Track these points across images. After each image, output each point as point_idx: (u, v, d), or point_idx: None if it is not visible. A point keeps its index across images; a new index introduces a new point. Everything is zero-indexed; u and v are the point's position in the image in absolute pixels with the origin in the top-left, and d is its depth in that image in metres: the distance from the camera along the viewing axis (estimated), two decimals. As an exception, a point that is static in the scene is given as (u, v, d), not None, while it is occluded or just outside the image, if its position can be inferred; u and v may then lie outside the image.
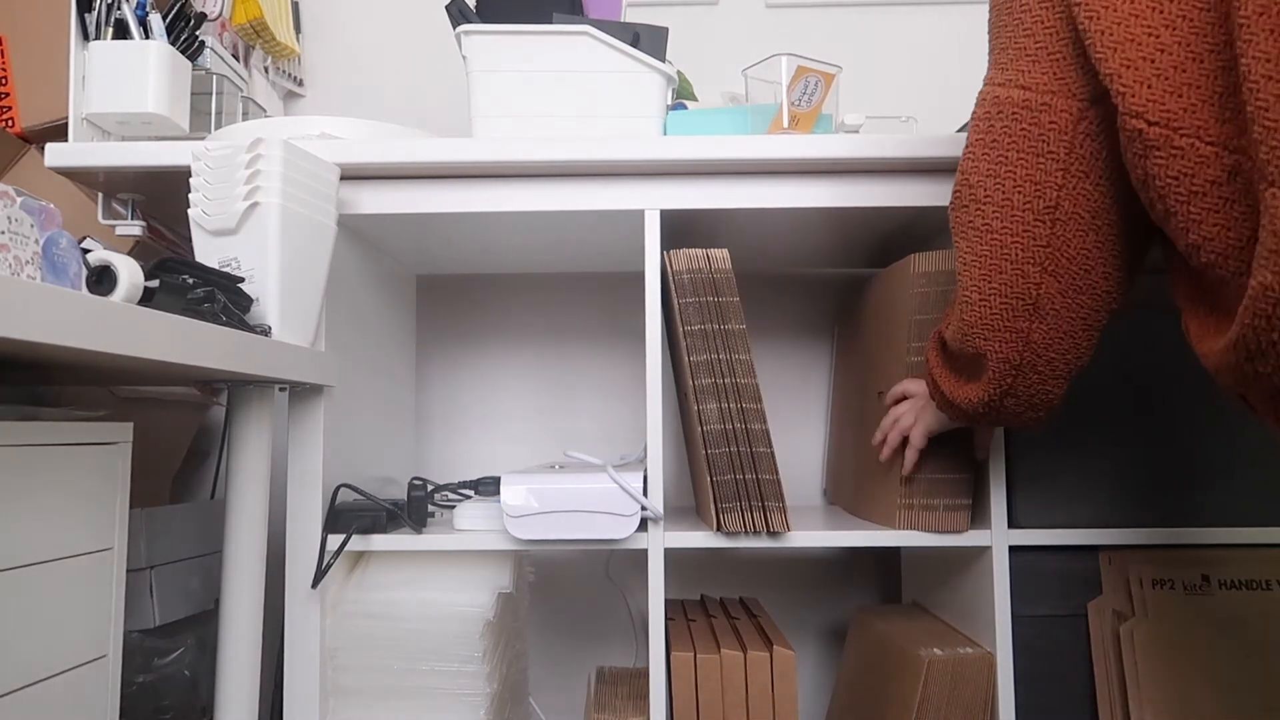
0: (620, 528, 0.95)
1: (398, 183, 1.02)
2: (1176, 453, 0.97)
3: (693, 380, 0.97)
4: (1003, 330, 0.72)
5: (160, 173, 0.99)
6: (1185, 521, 0.97)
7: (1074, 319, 0.71)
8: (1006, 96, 0.68)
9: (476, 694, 0.99)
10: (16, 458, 0.65)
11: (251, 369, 0.77)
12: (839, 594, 1.41)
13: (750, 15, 1.53)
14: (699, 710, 0.96)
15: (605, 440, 1.43)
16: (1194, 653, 0.92)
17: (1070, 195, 0.67)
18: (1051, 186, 0.67)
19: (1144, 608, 0.94)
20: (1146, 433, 0.98)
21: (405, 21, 1.54)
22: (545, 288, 1.45)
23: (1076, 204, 0.67)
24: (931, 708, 0.97)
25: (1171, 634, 0.93)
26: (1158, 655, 0.91)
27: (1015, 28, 0.68)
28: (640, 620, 1.42)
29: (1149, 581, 0.95)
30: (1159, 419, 0.98)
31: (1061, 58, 0.65)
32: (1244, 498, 0.96)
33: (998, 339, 0.73)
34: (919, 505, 0.98)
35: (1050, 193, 0.67)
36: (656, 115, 1.05)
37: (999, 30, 0.70)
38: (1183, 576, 0.96)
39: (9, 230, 0.57)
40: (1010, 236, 0.69)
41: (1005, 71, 0.68)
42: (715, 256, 0.99)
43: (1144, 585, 0.95)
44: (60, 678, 0.69)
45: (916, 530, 0.98)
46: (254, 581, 0.87)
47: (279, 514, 1.35)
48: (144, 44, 1.05)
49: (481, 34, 1.04)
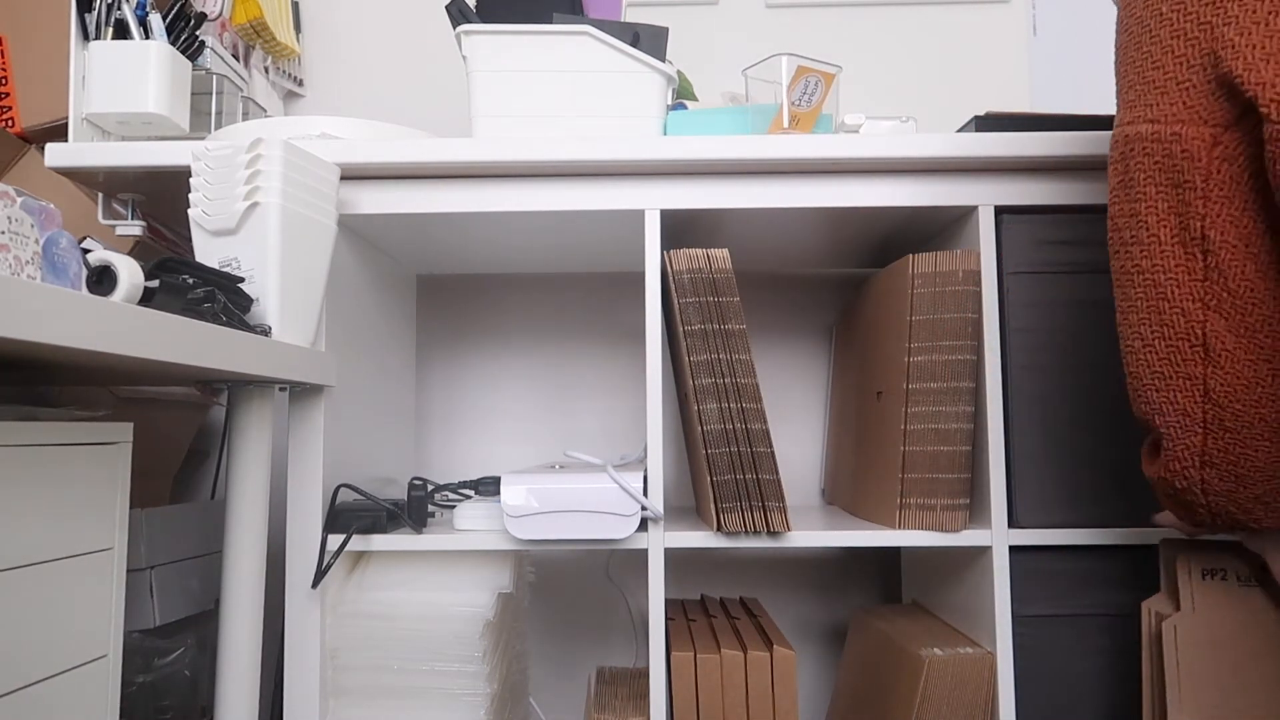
0: (620, 528, 0.95)
1: (398, 183, 1.02)
2: (1176, 453, 0.97)
3: (693, 380, 0.97)
4: (1174, 379, 0.66)
5: (160, 173, 0.99)
6: (1185, 521, 0.97)
7: (1257, 361, 0.64)
8: (1135, 133, 0.67)
9: (476, 694, 0.99)
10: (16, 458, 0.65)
11: (251, 369, 0.77)
12: (839, 594, 1.41)
13: (750, 15, 1.53)
14: (699, 710, 0.96)
15: (605, 440, 1.43)
16: (1242, 649, 0.85)
17: (1216, 224, 0.64)
18: (1195, 217, 0.65)
19: (1191, 602, 0.88)
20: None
21: (405, 21, 1.54)
22: (545, 288, 1.45)
23: (1225, 232, 0.64)
24: (932, 707, 0.97)
25: (1217, 629, 0.86)
26: (1202, 652, 0.86)
27: (1144, 62, 0.66)
28: (640, 620, 1.42)
29: (1199, 572, 0.87)
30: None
31: (1191, 86, 0.64)
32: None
33: (1170, 388, 0.67)
34: (917, 505, 0.98)
35: (1195, 223, 0.65)
36: (656, 115, 1.05)
37: (1126, 68, 0.69)
38: (1237, 568, 0.86)
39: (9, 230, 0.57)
40: (1163, 274, 0.66)
41: (1133, 109, 0.67)
42: (716, 256, 0.99)
43: (1192, 576, 0.87)
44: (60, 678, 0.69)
45: (916, 530, 0.98)
46: (254, 581, 0.87)
47: (279, 514, 1.35)
48: (144, 44, 1.05)
49: (481, 34, 1.04)
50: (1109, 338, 0.98)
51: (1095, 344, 0.98)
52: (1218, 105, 0.63)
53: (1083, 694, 0.96)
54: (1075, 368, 0.98)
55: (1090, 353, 0.98)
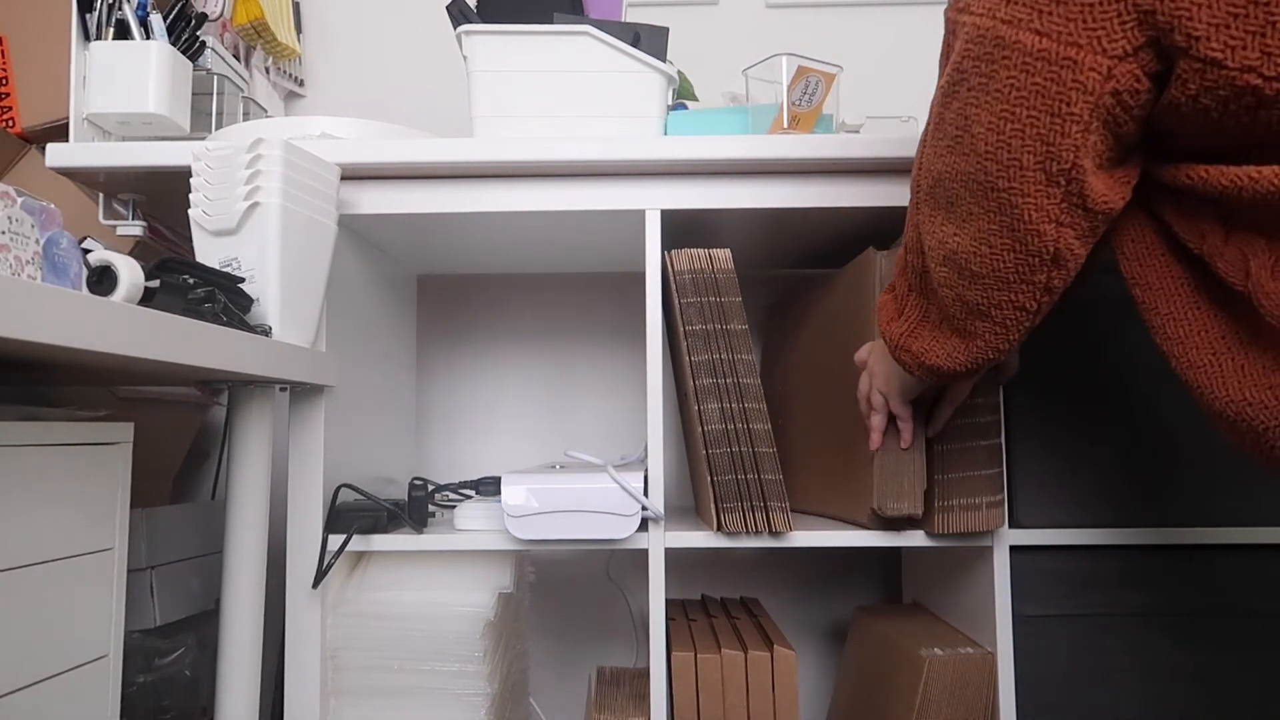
0: (621, 528, 0.95)
1: (398, 183, 1.02)
2: (1179, 452, 0.97)
3: (694, 380, 0.97)
4: (1019, 283, 0.67)
5: (161, 173, 0.99)
6: (1187, 521, 0.97)
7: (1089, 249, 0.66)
8: (1016, 40, 0.60)
9: (477, 694, 0.99)
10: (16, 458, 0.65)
11: (252, 369, 0.77)
12: (839, 594, 1.41)
13: (750, 15, 1.53)
14: (699, 710, 0.96)
15: (605, 440, 1.43)
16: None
17: (1089, 153, 0.61)
18: (1069, 149, 0.61)
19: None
20: (1148, 432, 0.98)
21: (405, 21, 1.54)
22: (545, 288, 1.45)
23: (1094, 159, 0.62)
24: (932, 707, 0.96)
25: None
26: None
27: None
28: (641, 620, 1.42)
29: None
30: (1160, 418, 0.98)
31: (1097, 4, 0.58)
32: (1247, 497, 0.96)
33: (1014, 290, 0.68)
34: (959, 506, 0.95)
35: (1067, 155, 0.61)
36: (657, 115, 1.05)
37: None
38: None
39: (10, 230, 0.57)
40: (1021, 197, 0.63)
41: (1014, 4, 0.60)
42: (717, 256, 0.99)
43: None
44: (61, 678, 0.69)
45: (917, 530, 0.98)
46: (255, 581, 0.87)
47: (279, 514, 1.35)
48: (145, 44, 1.05)
49: (482, 34, 1.04)
50: (1110, 338, 0.98)
51: (1096, 344, 0.98)
52: (1123, 33, 0.58)
53: (1083, 694, 0.96)
54: (1075, 368, 0.98)
55: (1091, 352, 0.98)
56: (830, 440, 1.08)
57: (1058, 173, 0.62)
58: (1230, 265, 0.60)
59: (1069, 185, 0.62)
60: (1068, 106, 0.60)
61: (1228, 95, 0.55)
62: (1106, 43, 0.58)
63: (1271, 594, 0.96)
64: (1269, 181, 0.55)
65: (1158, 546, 0.97)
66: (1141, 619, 0.96)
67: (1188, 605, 0.97)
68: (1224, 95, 0.56)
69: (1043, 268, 0.66)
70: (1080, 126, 0.60)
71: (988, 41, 0.61)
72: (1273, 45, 0.53)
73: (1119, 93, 0.59)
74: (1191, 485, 0.97)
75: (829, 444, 1.09)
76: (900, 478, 0.95)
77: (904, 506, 0.94)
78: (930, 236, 0.72)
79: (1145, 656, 0.96)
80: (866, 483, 0.97)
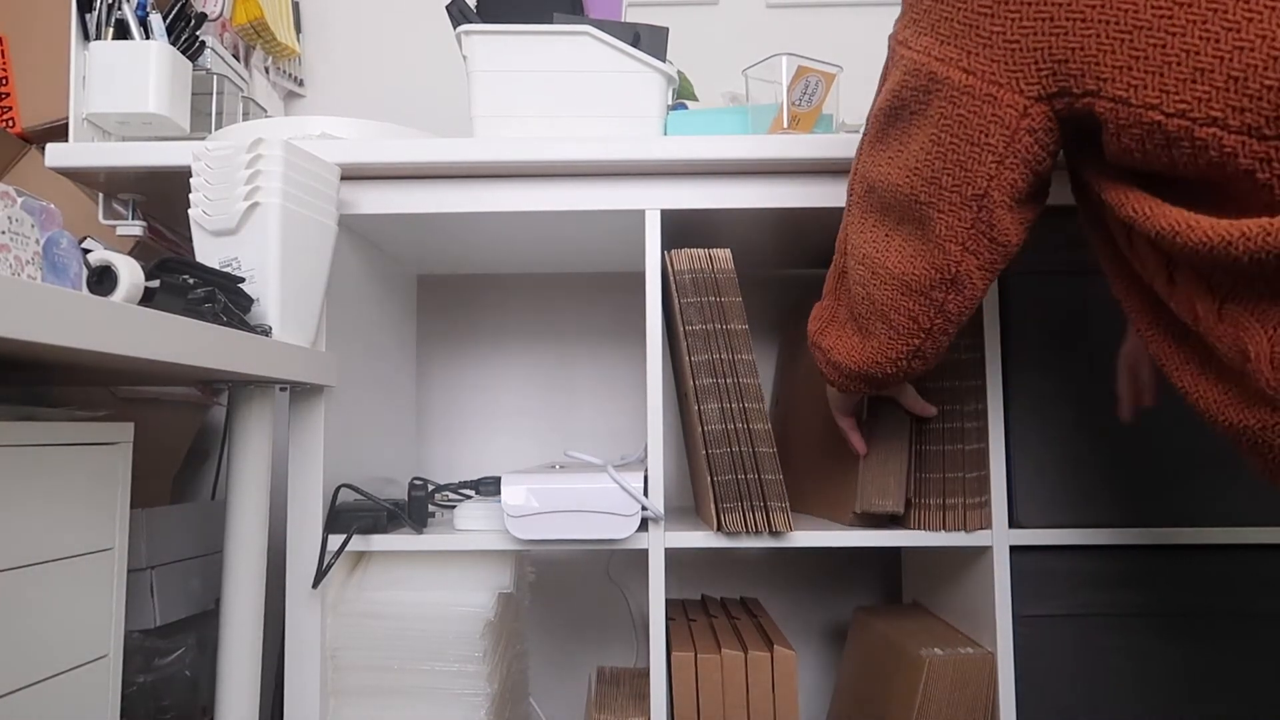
0: (621, 528, 0.95)
1: (398, 183, 1.02)
2: (1178, 452, 0.97)
3: (694, 380, 0.97)
4: (919, 295, 0.74)
5: (161, 173, 0.99)
6: (1187, 521, 0.97)
7: (986, 287, 0.73)
8: (945, 76, 0.66)
9: (477, 694, 0.99)
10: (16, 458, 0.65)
11: (252, 369, 0.77)
12: (839, 594, 1.41)
13: (750, 15, 1.53)
14: (699, 710, 0.96)
15: (605, 440, 1.43)
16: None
17: (1000, 185, 0.67)
18: (983, 176, 0.67)
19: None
20: (1148, 432, 0.98)
21: (405, 21, 1.54)
22: (545, 288, 1.45)
23: (1004, 192, 0.68)
24: (932, 708, 0.96)
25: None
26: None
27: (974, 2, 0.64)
28: (641, 620, 1.42)
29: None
30: (1160, 417, 0.98)
31: (1019, 48, 0.62)
32: (1247, 497, 0.96)
33: (913, 300, 0.74)
34: (936, 505, 0.98)
35: (981, 181, 0.67)
36: (657, 115, 1.05)
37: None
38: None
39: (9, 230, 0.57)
40: (937, 212, 0.70)
41: (946, 45, 0.66)
42: (717, 256, 0.99)
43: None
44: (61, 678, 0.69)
45: (917, 530, 0.98)
46: (254, 581, 0.87)
47: (279, 514, 1.35)
48: (144, 44, 1.05)
49: (482, 34, 1.04)
50: (1110, 338, 0.98)
51: (1096, 344, 0.98)
52: (1038, 78, 0.62)
53: (1083, 694, 0.96)
54: (1076, 367, 0.98)
55: (1091, 353, 0.98)
56: (827, 442, 1.08)
57: (971, 197, 0.68)
58: (1180, 306, 0.62)
59: (979, 211, 0.69)
60: (985, 137, 0.66)
61: (1140, 133, 0.59)
62: (1024, 84, 0.63)
63: (1272, 594, 0.96)
64: (1202, 233, 0.57)
65: (1158, 546, 0.97)
66: (1141, 619, 0.96)
67: (1188, 605, 0.97)
68: (1138, 134, 0.59)
69: (942, 285, 0.73)
70: (995, 157, 0.66)
71: (922, 75, 0.68)
72: (1170, 83, 0.56)
73: (1034, 130, 0.65)
74: (1191, 485, 0.97)
75: (826, 446, 1.09)
76: (886, 478, 0.99)
77: (887, 504, 0.99)
78: (856, 235, 0.78)
79: (1145, 656, 0.96)
80: (853, 484, 1.00)
